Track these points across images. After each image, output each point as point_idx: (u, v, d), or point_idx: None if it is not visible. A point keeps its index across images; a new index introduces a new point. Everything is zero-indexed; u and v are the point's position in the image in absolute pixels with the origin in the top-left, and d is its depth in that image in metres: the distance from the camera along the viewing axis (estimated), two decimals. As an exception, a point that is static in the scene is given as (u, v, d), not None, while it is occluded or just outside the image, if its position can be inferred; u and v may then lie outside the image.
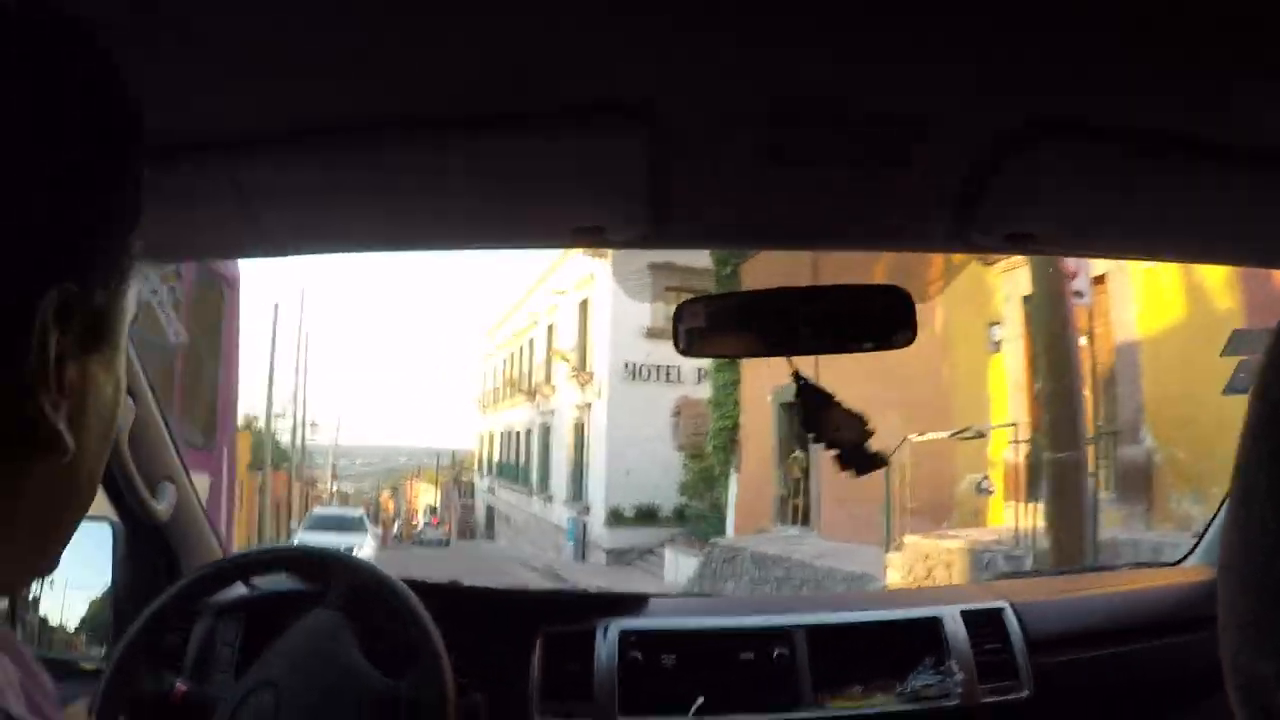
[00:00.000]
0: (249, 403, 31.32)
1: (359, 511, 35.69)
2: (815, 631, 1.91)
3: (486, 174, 1.17)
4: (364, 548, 25.04)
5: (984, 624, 1.95)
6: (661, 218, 1.30)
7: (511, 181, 1.20)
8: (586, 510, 27.94)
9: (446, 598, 1.79)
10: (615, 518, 25.89)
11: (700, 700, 1.79)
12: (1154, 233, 1.47)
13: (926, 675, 1.91)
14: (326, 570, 1.65)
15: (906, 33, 0.86)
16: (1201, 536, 2.35)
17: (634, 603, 1.98)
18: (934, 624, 1.93)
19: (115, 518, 1.82)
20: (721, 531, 18.79)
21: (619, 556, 25.69)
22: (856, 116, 1.04)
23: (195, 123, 1.00)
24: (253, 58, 0.88)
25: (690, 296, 1.55)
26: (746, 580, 13.97)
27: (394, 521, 51.41)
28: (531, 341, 33.02)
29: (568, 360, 27.30)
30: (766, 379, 16.40)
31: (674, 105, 1.00)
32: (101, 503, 1.70)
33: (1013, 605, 1.99)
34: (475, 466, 48.01)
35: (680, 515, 25.27)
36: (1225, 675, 0.46)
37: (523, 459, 35.77)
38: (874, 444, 1.55)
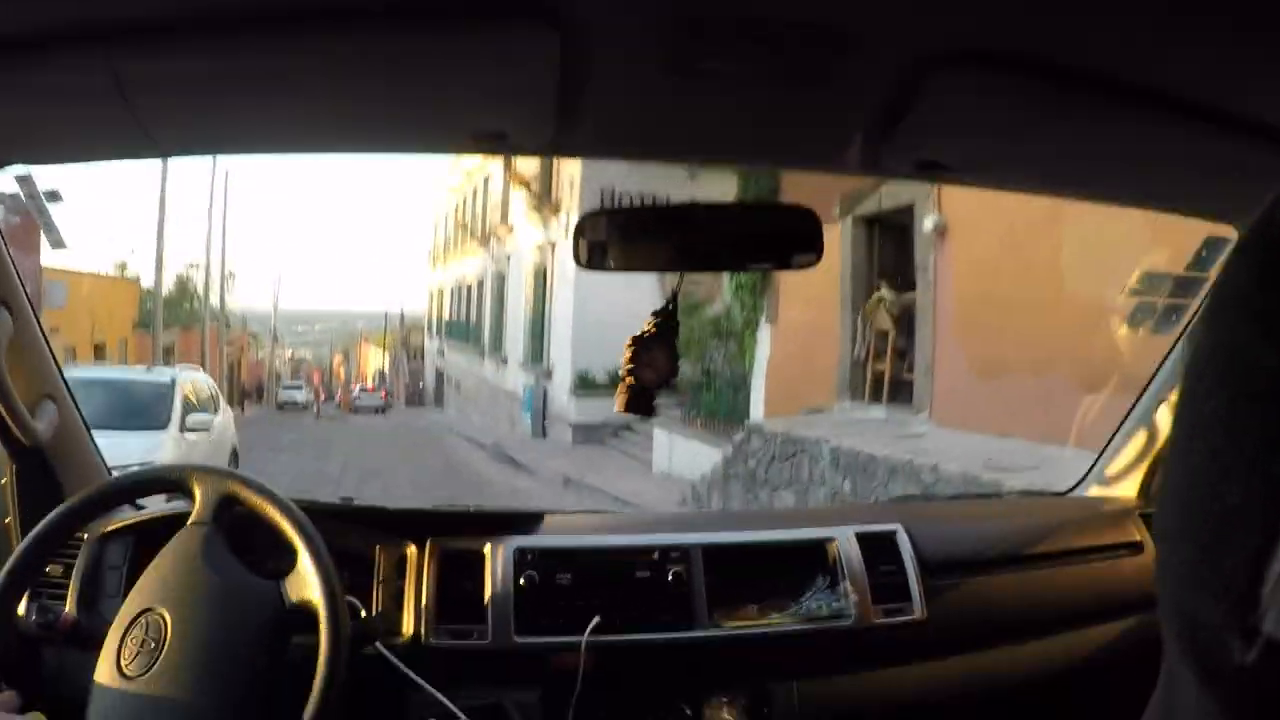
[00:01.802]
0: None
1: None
2: (711, 551, 1.86)
3: (386, 72, 1.07)
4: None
5: (878, 546, 1.92)
6: (566, 126, 1.20)
7: (412, 82, 1.11)
8: (548, 374, 23.88)
9: (335, 515, 1.74)
10: (584, 384, 22.03)
11: (597, 619, 1.72)
12: (1062, 169, 1.44)
13: (821, 595, 1.88)
14: (191, 483, 1.53)
15: None
16: (1091, 468, 2.31)
17: (529, 520, 1.90)
18: (829, 545, 1.89)
19: None
20: (739, 406, 14.73)
21: (588, 433, 21.75)
22: (776, 31, 0.97)
23: (70, 10, 0.91)
24: None
25: (592, 210, 1.45)
26: (826, 494, 8.86)
27: (328, 388, 48.27)
28: (487, 179, 29.00)
29: (528, 188, 23.10)
30: (831, 187, 10.96)
31: (585, 9, 0.92)
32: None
33: (906, 528, 1.95)
34: (426, 327, 45.62)
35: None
36: (1163, 618, 0.45)
37: (474, 316, 32.64)
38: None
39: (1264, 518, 0.38)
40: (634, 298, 20.56)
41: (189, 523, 1.49)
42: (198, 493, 1.53)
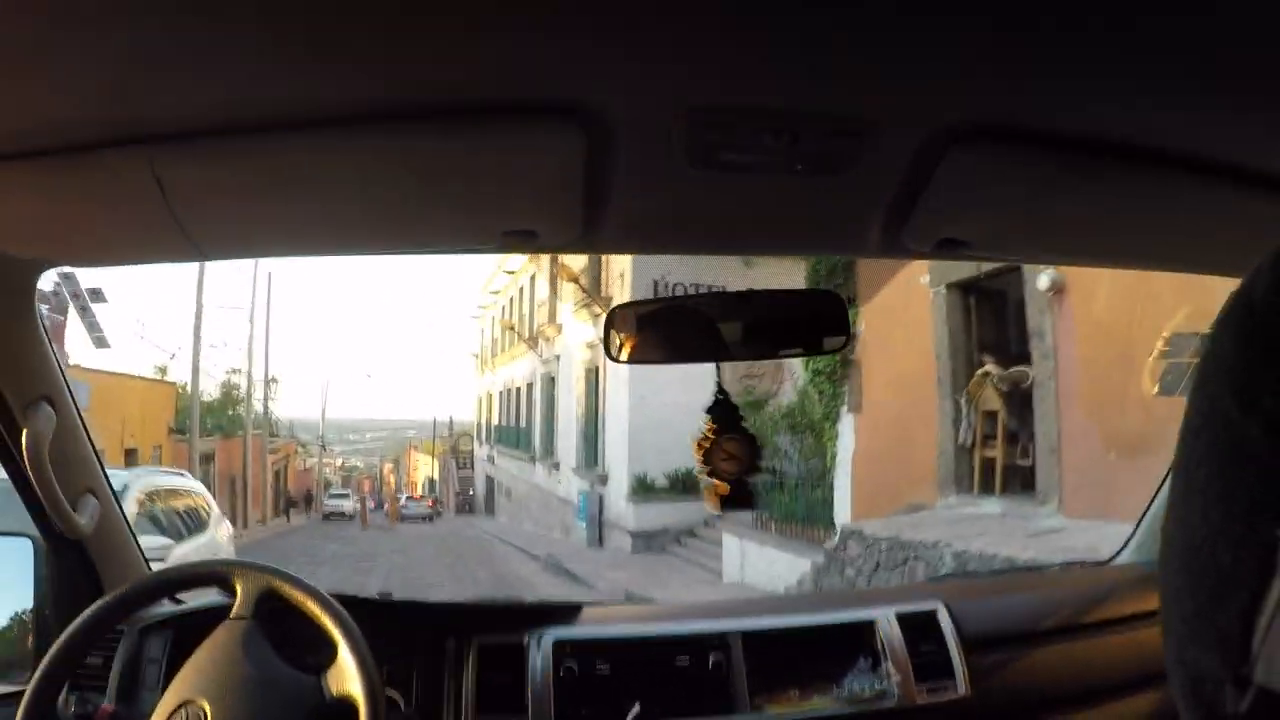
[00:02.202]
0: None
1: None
2: (751, 637, 1.90)
3: (417, 175, 1.12)
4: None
5: (919, 625, 1.96)
6: (593, 222, 1.26)
7: (442, 183, 1.16)
8: (603, 479, 22.46)
9: (375, 610, 1.80)
10: (642, 489, 20.77)
11: (636, 709, 1.76)
12: (1083, 238, 1.47)
13: (863, 678, 1.91)
14: (231, 578, 1.58)
15: (841, 36, 0.85)
16: (1132, 535, 2.35)
17: (567, 611, 1.97)
18: (869, 626, 1.92)
19: (35, 533, 1.74)
20: (819, 507, 13.54)
21: (649, 541, 20.32)
22: (790, 121, 1.01)
23: (114, 118, 0.95)
24: (176, 51, 0.84)
25: (621, 303, 1.54)
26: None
27: (378, 497, 48.66)
28: (533, 277, 29.47)
29: (577, 282, 22.66)
30: (915, 269, 10.07)
31: (607, 108, 0.97)
32: (22, 517, 1.70)
33: (947, 605, 1.99)
34: (475, 433, 45.60)
35: None
36: (1169, 673, 0.48)
37: (523, 420, 32.14)
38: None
39: (1255, 575, 0.41)
40: (691, 396, 19.68)
41: (230, 616, 1.51)
42: (239, 587, 1.55)
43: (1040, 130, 1.05)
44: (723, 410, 1.58)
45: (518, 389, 31.19)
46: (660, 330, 1.60)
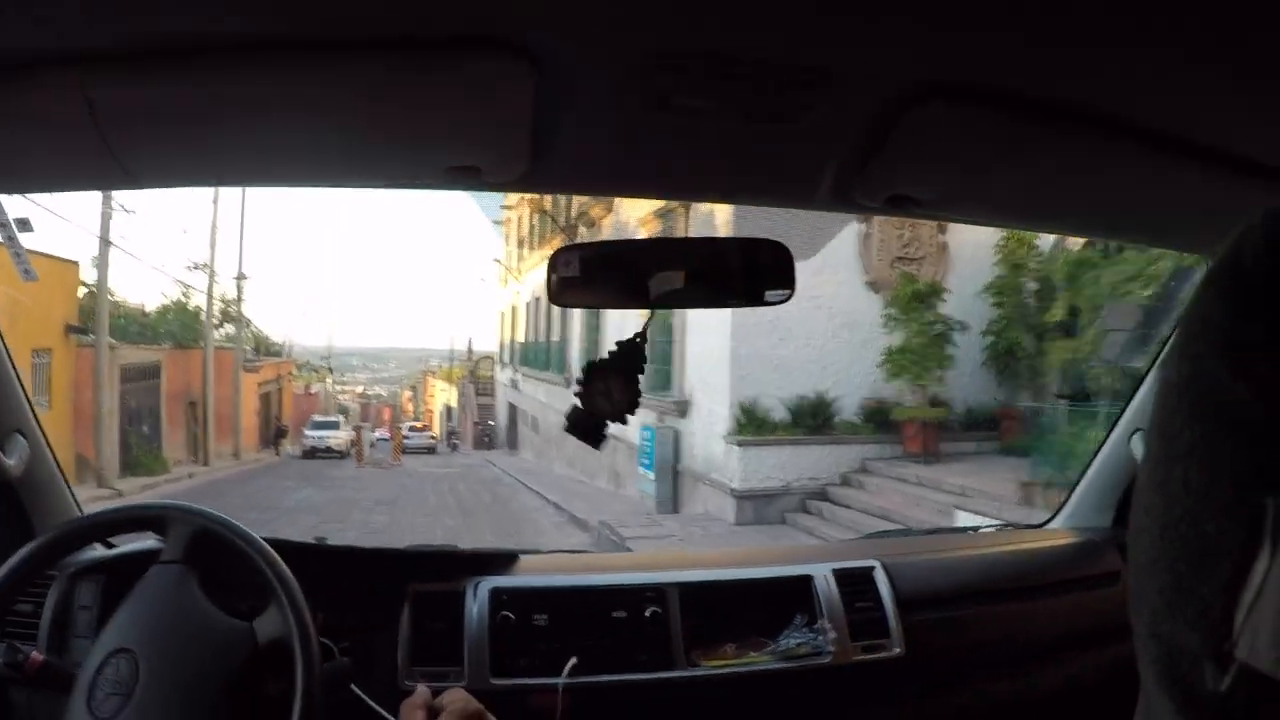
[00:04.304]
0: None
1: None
2: (688, 590, 2.07)
3: (359, 106, 1.19)
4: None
5: (855, 582, 2.15)
6: (540, 161, 1.35)
7: (385, 115, 1.23)
8: (680, 409, 16.23)
9: (310, 556, 1.91)
10: (752, 422, 14.30)
11: (574, 661, 1.90)
12: (1033, 203, 1.63)
13: (799, 633, 2.03)
14: (163, 521, 1.69)
15: None
16: (1066, 499, 2.64)
17: (504, 560, 2.14)
18: (806, 582, 2.13)
19: None
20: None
21: (763, 506, 13.88)
22: (750, 68, 1.09)
23: (43, 35, 0.97)
24: None
25: (563, 245, 1.67)
26: None
27: (394, 426, 43.71)
28: None
29: None
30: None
31: (560, 44, 1.05)
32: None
33: (883, 564, 2.21)
34: (496, 355, 41.24)
35: (877, 418, 14.72)
36: (1139, 647, 0.49)
37: (555, 333, 26.62)
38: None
39: (1240, 546, 0.41)
40: (835, 288, 14.09)
41: (160, 560, 1.64)
42: (171, 531, 1.66)
43: (999, 92, 1.12)
44: (633, 350, 1.57)
45: (550, 293, 24.01)
46: (602, 274, 1.60)
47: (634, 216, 19.27)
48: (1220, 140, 1.22)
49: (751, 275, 1.60)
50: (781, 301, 1.58)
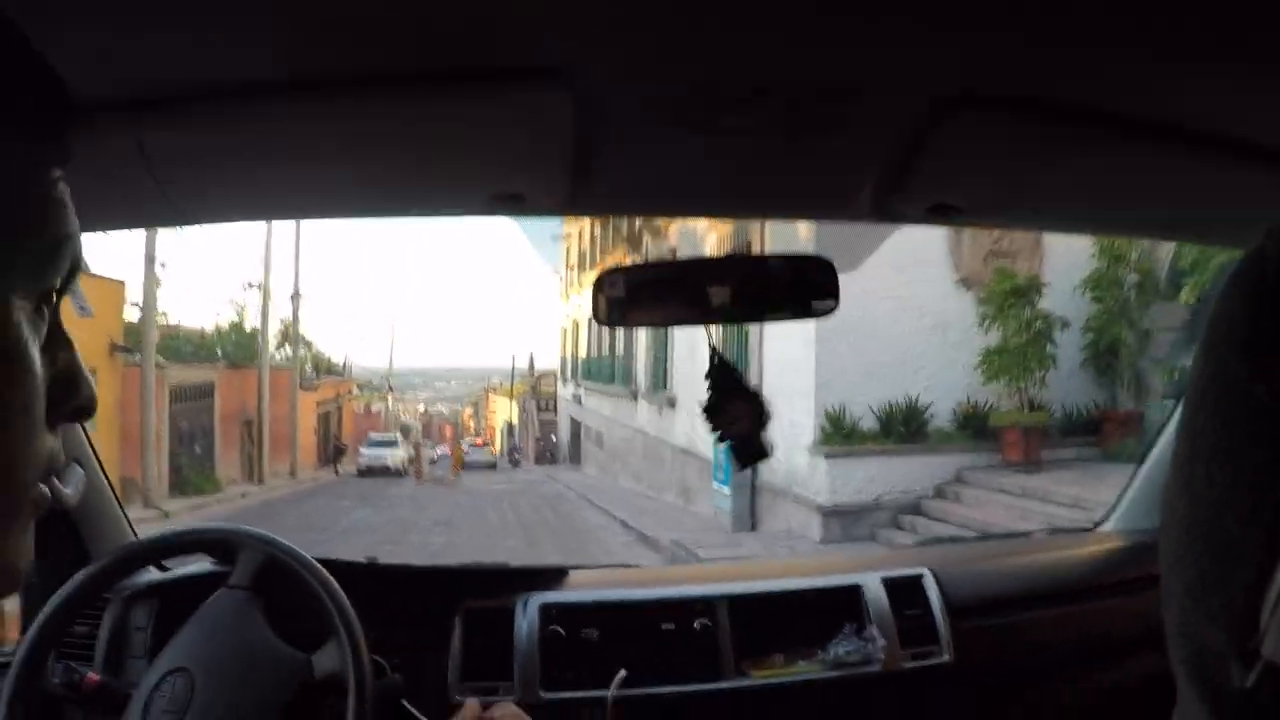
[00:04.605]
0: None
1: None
2: (737, 601, 2.11)
3: (403, 138, 1.22)
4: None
5: (904, 591, 2.18)
6: (581, 185, 1.38)
7: (428, 147, 1.26)
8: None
9: (362, 575, 2.06)
10: (839, 431, 13.32)
11: (623, 673, 1.94)
12: (1074, 206, 1.64)
13: (848, 642, 2.05)
14: (231, 548, 1.76)
15: (831, 6, 0.94)
16: (1118, 502, 2.65)
17: (553, 575, 2.20)
18: (855, 591, 2.17)
19: None
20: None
21: (851, 522, 12.87)
22: (785, 87, 1.12)
23: (94, 80, 0.99)
24: (156, 8, 0.88)
25: (609, 268, 1.65)
26: None
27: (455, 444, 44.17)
28: None
29: None
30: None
31: (598, 72, 1.08)
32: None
33: (932, 572, 2.23)
34: (558, 371, 41.18)
35: (972, 425, 13.63)
36: (1170, 645, 0.51)
37: (620, 347, 26.08)
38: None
39: (1263, 545, 0.43)
40: (922, 287, 13.38)
41: (228, 584, 1.71)
42: (240, 556, 1.72)
43: (1032, 98, 1.13)
44: (721, 371, 1.62)
45: (614, 308, 23.90)
46: (649, 294, 1.61)
47: (701, 223, 18.59)
48: (1260, 135, 1.22)
49: (796, 289, 1.61)
50: (828, 313, 1.61)
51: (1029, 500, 12.21)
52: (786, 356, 14.78)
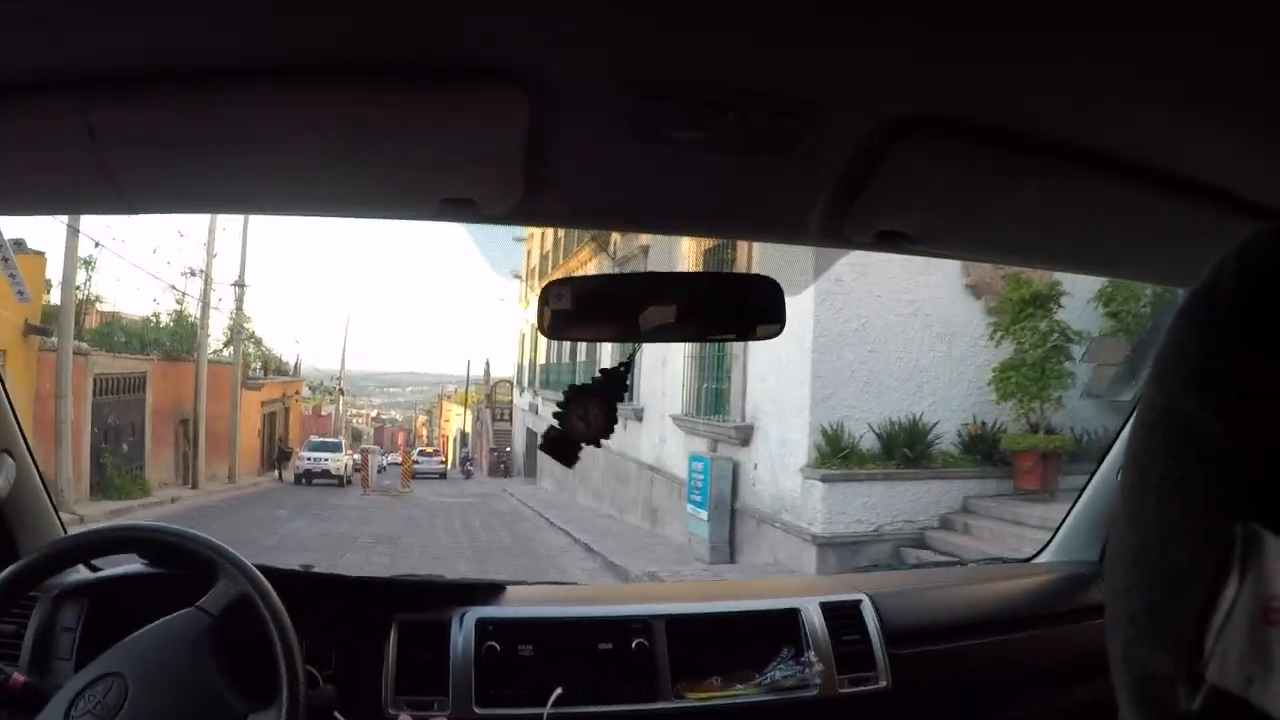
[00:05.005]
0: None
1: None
2: (674, 622, 2.14)
3: (353, 135, 1.22)
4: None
5: (843, 616, 2.23)
6: (533, 192, 1.40)
7: (379, 145, 1.27)
8: (742, 436, 13.64)
9: (298, 583, 2.04)
10: (836, 451, 11.85)
11: (558, 691, 1.97)
12: (1023, 238, 1.67)
13: (785, 666, 2.08)
14: (212, 568, 1.74)
15: (793, 17, 0.96)
16: (1055, 534, 2.77)
17: (490, 590, 2.26)
18: (793, 616, 2.20)
19: None
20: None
21: (848, 556, 11.38)
22: (738, 100, 1.14)
23: (43, 59, 1.01)
24: None
25: (555, 279, 1.75)
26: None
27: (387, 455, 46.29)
28: None
29: None
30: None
31: (552, 76, 1.10)
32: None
33: (871, 598, 2.30)
34: (514, 379, 40.91)
35: (979, 448, 12.36)
36: (1114, 671, 0.53)
37: (582, 353, 24.99)
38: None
39: (1210, 573, 0.45)
40: (928, 291, 11.70)
41: (197, 605, 1.71)
42: (220, 583, 1.73)
43: (987, 126, 1.17)
44: (616, 379, 1.65)
45: (576, 314, 23.24)
46: (594, 307, 1.64)
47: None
48: (1206, 175, 1.26)
49: (743, 310, 1.65)
50: (771, 336, 1.63)
51: (1048, 533, 10.70)
52: (779, 364, 13.49)
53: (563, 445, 1.62)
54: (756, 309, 1.61)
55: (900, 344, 12.85)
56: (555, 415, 1.63)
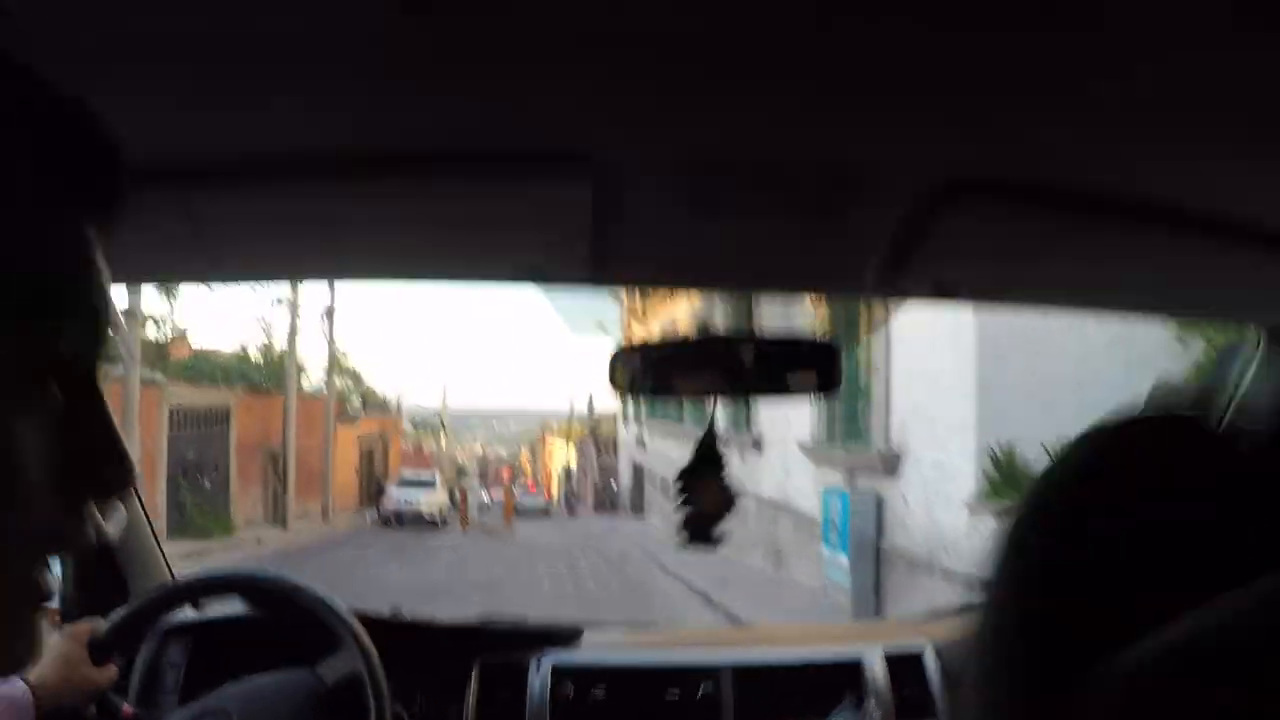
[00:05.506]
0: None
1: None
2: (741, 670, 2.22)
3: (436, 214, 1.30)
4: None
5: (905, 665, 2.26)
6: (599, 261, 1.45)
7: (455, 223, 1.34)
8: (887, 464, 11.49)
9: (387, 629, 2.15)
10: (1006, 480, 9.53)
11: None
12: (1081, 288, 1.67)
13: (847, 714, 2.14)
14: (336, 638, 1.80)
15: (844, 95, 0.97)
16: None
17: (568, 635, 2.33)
18: (855, 666, 2.25)
19: None
20: None
21: None
22: (787, 170, 1.17)
23: (146, 151, 0.98)
24: (211, 87, 0.95)
25: (624, 346, 1.73)
26: None
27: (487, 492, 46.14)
28: None
29: None
30: None
31: (613, 157, 1.12)
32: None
33: (935, 646, 2.33)
34: (620, 412, 40.26)
35: None
36: None
37: None
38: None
39: None
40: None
41: (315, 669, 1.84)
42: (341, 655, 1.84)
43: (1038, 182, 1.20)
44: (707, 451, 1.65)
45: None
46: (663, 371, 1.68)
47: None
48: (1260, 216, 1.26)
49: (803, 370, 1.65)
50: (830, 393, 1.66)
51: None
52: (931, 377, 11.21)
53: (701, 532, 1.62)
54: (814, 368, 1.59)
55: (1075, 348, 10.35)
56: (682, 504, 1.63)
